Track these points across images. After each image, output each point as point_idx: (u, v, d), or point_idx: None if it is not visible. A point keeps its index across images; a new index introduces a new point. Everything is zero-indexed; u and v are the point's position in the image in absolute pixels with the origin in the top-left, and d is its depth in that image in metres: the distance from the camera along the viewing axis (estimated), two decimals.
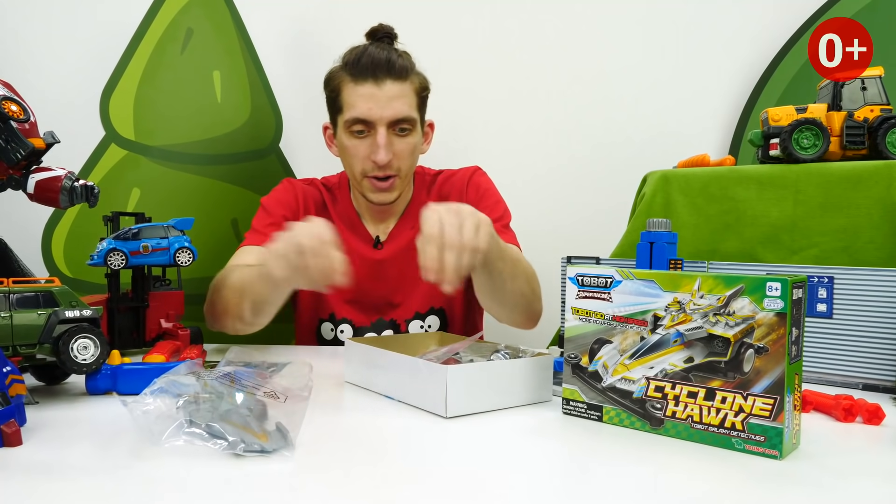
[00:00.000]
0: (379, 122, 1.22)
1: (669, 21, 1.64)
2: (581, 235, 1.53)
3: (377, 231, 1.36)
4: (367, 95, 1.22)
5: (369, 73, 1.21)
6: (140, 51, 1.52)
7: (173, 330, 1.08)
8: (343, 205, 1.38)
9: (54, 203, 0.87)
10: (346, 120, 1.24)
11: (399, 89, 1.23)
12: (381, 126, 1.22)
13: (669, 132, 1.62)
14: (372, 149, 1.23)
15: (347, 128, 1.25)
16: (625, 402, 0.71)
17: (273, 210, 1.32)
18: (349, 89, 1.23)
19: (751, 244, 1.10)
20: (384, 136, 1.22)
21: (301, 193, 1.36)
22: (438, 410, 0.75)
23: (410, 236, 1.32)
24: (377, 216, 1.36)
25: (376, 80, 1.21)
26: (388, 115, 1.22)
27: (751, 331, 0.63)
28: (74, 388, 0.86)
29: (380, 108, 1.21)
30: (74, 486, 0.55)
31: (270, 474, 0.56)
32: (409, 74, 1.25)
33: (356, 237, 1.35)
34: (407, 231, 1.33)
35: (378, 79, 1.21)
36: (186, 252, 1.06)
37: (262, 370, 0.84)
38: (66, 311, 0.78)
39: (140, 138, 1.51)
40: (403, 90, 1.23)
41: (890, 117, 1.03)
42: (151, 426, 0.62)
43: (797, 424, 0.65)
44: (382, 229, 1.36)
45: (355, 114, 1.22)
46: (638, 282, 0.70)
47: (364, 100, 1.22)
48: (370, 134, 1.24)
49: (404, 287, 1.32)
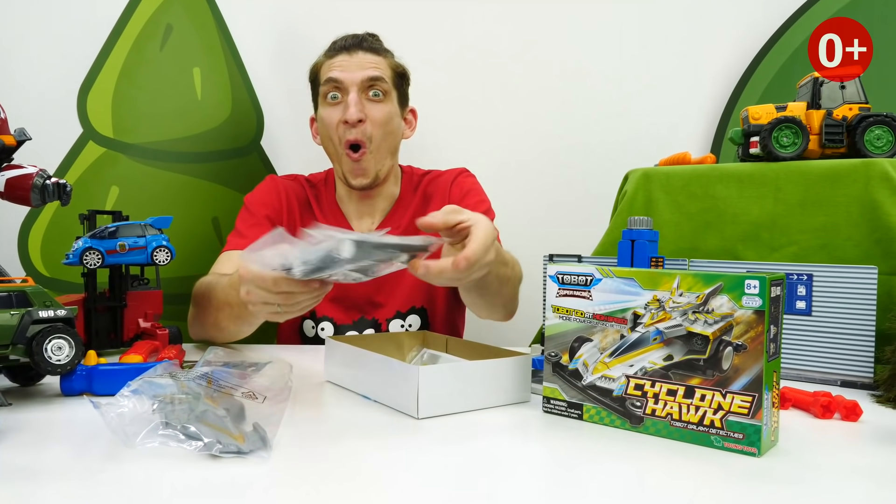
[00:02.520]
0: (350, 83, 1.27)
1: (651, 20, 1.65)
2: (563, 233, 1.54)
3: (361, 227, 1.35)
4: (339, 62, 1.29)
5: (342, 48, 1.29)
6: (118, 47, 1.49)
7: (151, 330, 1.06)
8: (327, 202, 1.37)
9: (25, 201, 0.86)
10: (322, 89, 1.29)
11: (372, 58, 1.29)
12: (352, 87, 1.27)
13: (651, 130, 1.63)
14: (343, 110, 1.27)
15: (323, 97, 1.30)
16: (605, 400, 0.71)
17: (256, 211, 1.32)
18: (325, 66, 1.30)
19: (731, 242, 1.10)
20: (355, 95, 1.26)
21: (284, 191, 1.35)
22: (410, 411, 0.74)
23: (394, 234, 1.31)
24: (362, 210, 1.36)
25: (349, 51, 1.29)
26: (359, 76, 1.27)
27: (729, 328, 0.63)
28: (49, 390, 0.84)
29: (351, 70, 1.27)
30: (48, 489, 0.54)
31: (247, 476, 0.56)
32: (382, 52, 1.32)
33: None
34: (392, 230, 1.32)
35: (350, 50, 1.29)
36: (164, 251, 1.04)
37: (242, 369, 0.84)
38: (40, 311, 0.77)
39: (119, 136, 1.49)
40: (376, 60, 1.30)
41: (868, 116, 1.04)
42: (126, 428, 0.61)
43: (775, 422, 0.65)
44: (367, 225, 1.36)
45: (328, 75, 1.28)
46: (618, 280, 0.70)
47: (336, 65, 1.28)
48: (343, 99, 1.28)
49: (386, 286, 1.31)
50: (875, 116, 1.03)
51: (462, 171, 1.40)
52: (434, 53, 1.63)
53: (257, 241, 0.76)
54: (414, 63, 1.35)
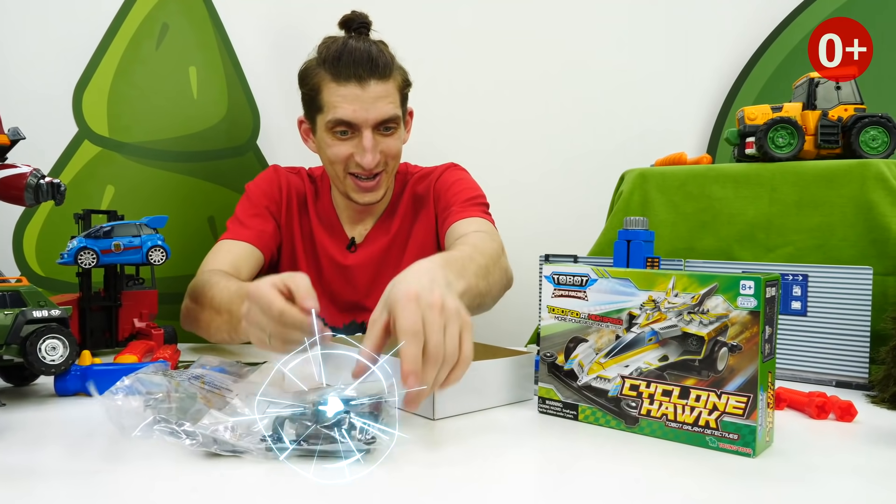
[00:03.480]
0: (364, 125, 1.17)
1: (647, 21, 1.65)
2: (559, 234, 1.54)
3: (353, 232, 1.33)
4: (350, 97, 1.16)
5: (352, 74, 1.16)
6: (114, 46, 1.49)
7: (147, 329, 1.06)
8: (324, 202, 1.35)
9: (19, 201, 0.86)
10: (329, 121, 1.18)
11: (383, 89, 1.18)
12: (366, 129, 1.18)
13: (647, 131, 1.63)
14: (357, 150, 1.19)
15: (329, 129, 1.20)
16: (600, 400, 0.71)
17: (257, 200, 1.29)
18: (330, 90, 1.18)
19: (727, 242, 1.10)
20: (370, 140, 1.18)
21: (286, 185, 1.33)
22: (426, 413, 0.74)
23: (384, 242, 1.31)
24: (356, 217, 1.34)
25: (360, 80, 1.16)
26: (374, 116, 1.17)
27: (724, 329, 0.63)
28: (44, 390, 0.84)
29: (364, 110, 1.16)
30: (43, 489, 0.54)
31: (243, 476, 0.56)
32: (392, 71, 1.20)
33: (331, 238, 1.33)
34: (382, 236, 1.32)
35: (361, 79, 1.16)
36: (159, 251, 1.04)
37: (238, 369, 0.83)
38: (34, 311, 0.77)
39: (114, 135, 1.49)
40: (388, 89, 1.19)
41: (863, 116, 1.04)
42: (122, 421, 0.61)
43: (770, 422, 0.65)
44: (360, 231, 1.34)
45: (339, 115, 1.17)
46: (613, 280, 0.70)
47: (348, 102, 1.16)
48: (354, 135, 1.19)
49: (376, 291, 1.30)
50: (870, 117, 1.04)
51: (449, 167, 1.36)
52: (430, 51, 1.62)
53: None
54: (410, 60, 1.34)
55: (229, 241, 1.23)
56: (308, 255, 1.32)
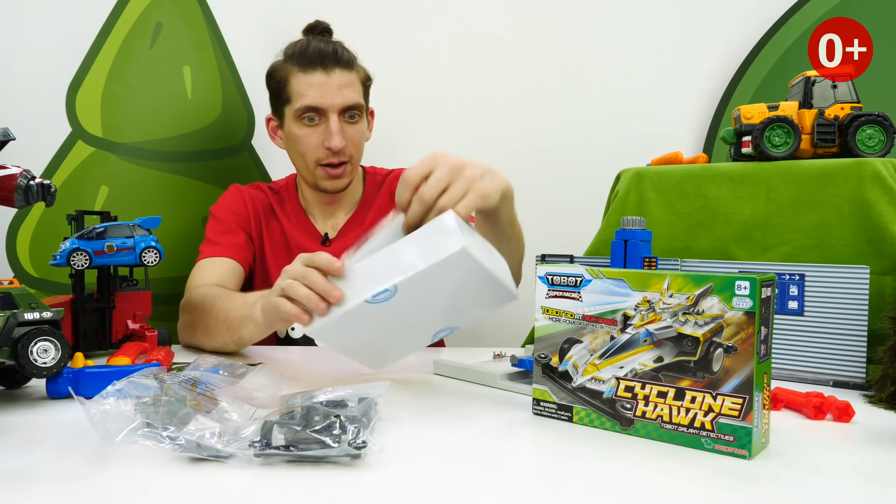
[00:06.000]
0: (331, 110, 1.26)
1: (642, 20, 1.65)
2: (555, 234, 1.53)
3: (326, 228, 1.39)
4: (317, 84, 1.26)
5: (318, 63, 1.26)
6: (108, 45, 1.48)
7: (140, 331, 1.05)
8: (291, 205, 1.40)
9: (9, 202, 0.85)
10: (297, 108, 1.27)
11: (347, 77, 1.28)
12: (332, 113, 1.27)
13: (643, 130, 1.62)
14: (325, 136, 1.27)
15: (298, 116, 1.28)
16: (595, 402, 0.70)
17: (225, 218, 1.33)
18: (298, 79, 1.27)
19: (723, 242, 1.10)
20: (336, 123, 1.27)
21: (250, 199, 1.38)
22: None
23: (358, 235, 1.31)
24: (326, 210, 1.38)
25: (325, 68, 1.26)
26: (340, 102, 1.26)
27: (720, 330, 0.63)
28: (35, 392, 0.83)
29: (331, 95, 1.26)
30: (33, 492, 0.53)
31: (229, 480, 0.55)
32: (355, 65, 1.31)
33: (305, 236, 1.37)
34: (356, 229, 1.35)
35: (327, 67, 1.26)
36: (153, 252, 1.03)
37: (233, 371, 0.83)
38: (25, 314, 0.76)
39: (108, 135, 1.48)
40: (351, 79, 1.29)
41: (860, 115, 1.04)
42: (107, 425, 0.60)
43: (766, 423, 0.65)
44: (331, 226, 1.39)
45: (307, 101, 1.26)
46: (608, 281, 0.69)
47: (315, 88, 1.26)
48: (322, 122, 1.28)
49: None
50: (867, 116, 1.03)
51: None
52: (427, 51, 1.62)
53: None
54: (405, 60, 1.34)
55: (209, 259, 1.27)
56: (281, 257, 1.35)
